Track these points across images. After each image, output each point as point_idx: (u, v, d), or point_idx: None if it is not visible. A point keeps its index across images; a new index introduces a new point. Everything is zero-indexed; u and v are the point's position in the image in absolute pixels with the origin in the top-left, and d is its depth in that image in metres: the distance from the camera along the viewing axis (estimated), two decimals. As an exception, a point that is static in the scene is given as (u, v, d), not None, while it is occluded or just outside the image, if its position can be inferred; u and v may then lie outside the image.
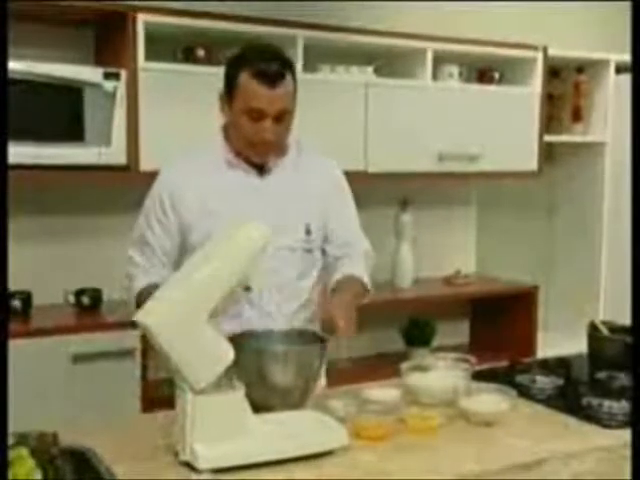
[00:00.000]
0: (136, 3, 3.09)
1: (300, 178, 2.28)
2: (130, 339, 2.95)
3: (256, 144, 2.14)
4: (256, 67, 2.08)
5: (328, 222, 2.31)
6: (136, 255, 2.27)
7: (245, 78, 2.09)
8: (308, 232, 2.26)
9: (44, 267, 3.32)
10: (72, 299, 3.22)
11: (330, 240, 2.33)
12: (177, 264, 2.22)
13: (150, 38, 3.10)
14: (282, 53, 2.18)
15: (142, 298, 2.09)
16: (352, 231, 2.38)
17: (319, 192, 2.30)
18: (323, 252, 2.35)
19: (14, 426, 1.65)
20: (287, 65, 2.14)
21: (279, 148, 2.22)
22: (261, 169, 2.23)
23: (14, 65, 2.83)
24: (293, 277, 2.25)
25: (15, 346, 2.78)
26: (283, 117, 2.13)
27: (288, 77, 2.12)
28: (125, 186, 3.21)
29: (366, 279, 2.30)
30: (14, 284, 3.09)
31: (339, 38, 3.50)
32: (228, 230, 1.85)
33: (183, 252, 2.23)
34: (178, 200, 2.19)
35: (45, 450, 1.62)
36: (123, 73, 3.03)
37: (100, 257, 3.37)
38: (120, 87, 3.02)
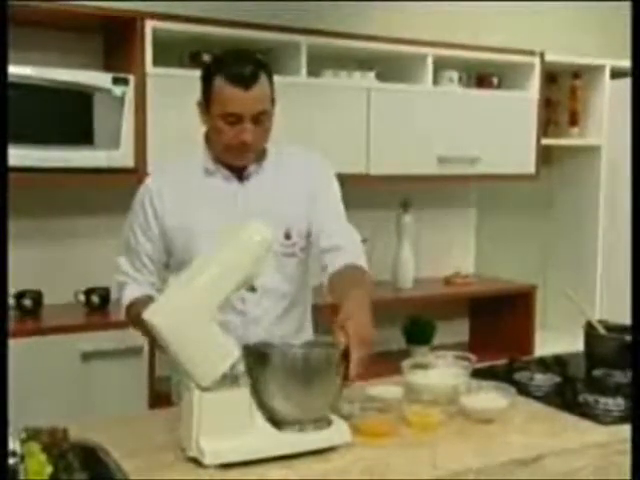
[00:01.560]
0: (144, 10, 3.12)
1: (282, 181, 2.23)
2: (138, 337, 2.90)
3: (235, 147, 2.11)
4: (229, 70, 2.06)
5: (314, 220, 2.23)
6: (123, 262, 2.27)
7: (219, 82, 2.06)
8: (287, 236, 2.21)
9: (54, 267, 3.35)
10: (82, 298, 3.24)
11: (317, 235, 2.22)
12: (166, 267, 2.26)
13: (158, 44, 3.13)
14: (256, 56, 2.15)
15: (133, 310, 2.12)
16: (340, 224, 2.27)
17: (303, 192, 2.24)
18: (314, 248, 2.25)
19: (26, 422, 1.67)
20: (262, 67, 2.10)
21: (259, 150, 2.18)
22: (241, 175, 2.20)
23: (25, 70, 2.88)
24: (274, 281, 2.20)
25: (26, 344, 2.85)
26: (260, 119, 2.09)
27: (263, 78, 2.08)
28: (133, 188, 3.24)
29: (363, 263, 2.18)
30: (25, 284, 3.15)
31: (342, 44, 3.53)
32: (231, 231, 1.86)
33: (169, 256, 2.24)
34: (160, 207, 2.19)
35: (56, 445, 1.63)
36: (131, 78, 3.06)
37: (109, 257, 3.34)
38: (128, 92, 3.05)
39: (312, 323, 2.41)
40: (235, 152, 2.13)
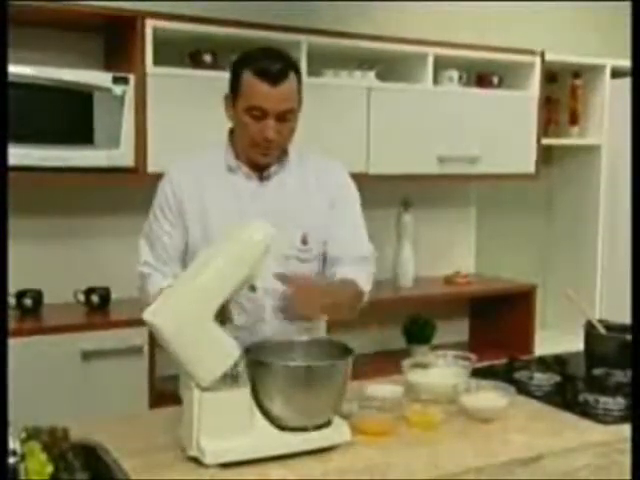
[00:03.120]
0: (145, 9, 3.12)
1: (303, 185, 2.23)
2: (138, 336, 2.99)
3: (259, 143, 2.10)
4: (259, 65, 2.06)
5: (330, 229, 2.24)
6: (146, 253, 2.24)
7: (248, 76, 2.07)
8: (304, 242, 2.21)
9: (55, 267, 3.34)
10: (82, 298, 3.24)
11: (329, 244, 2.25)
12: (183, 260, 2.24)
13: (158, 43, 3.13)
14: (287, 54, 2.16)
15: None
16: (353, 237, 2.29)
17: (325, 199, 2.24)
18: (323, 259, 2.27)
19: (26, 421, 1.68)
20: (291, 65, 2.12)
21: (281, 148, 2.18)
22: (262, 175, 2.20)
23: (25, 70, 2.88)
24: (279, 284, 2.12)
25: (26, 343, 2.85)
26: (286, 116, 2.09)
27: (291, 76, 2.09)
28: (133, 188, 3.25)
29: (361, 281, 2.22)
30: (26, 283, 3.15)
31: (342, 43, 3.53)
32: (232, 230, 1.85)
33: (186, 249, 2.22)
34: (180, 198, 2.19)
35: (56, 445, 1.64)
36: (132, 78, 3.06)
37: (109, 257, 3.39)
38: (129, 91, 3.05)
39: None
40: (259, 148, 2.13)
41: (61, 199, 3.36)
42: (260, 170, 2.20)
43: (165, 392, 2.91)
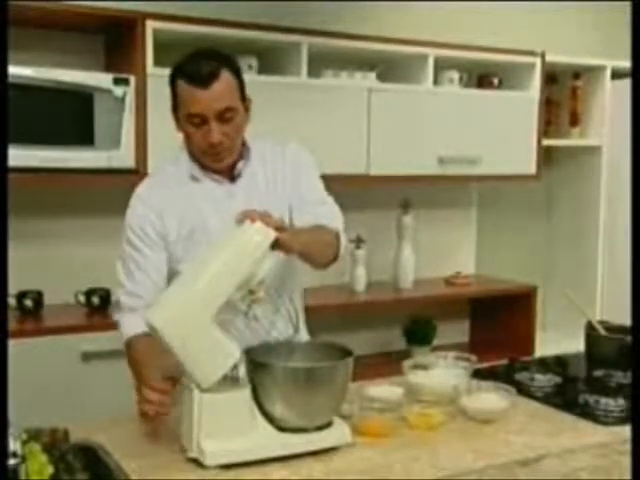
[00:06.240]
0: (145, 10, 3.11)
1: (269, 175, 2.19)
2: (138, 338, 3.00)
3: (206, 150, 2.06)
4: (188, 71, 2.02)
5: (294, 204, 2.19)
6: (125, 278, 2.16)
7: (181, 85, 2.04)
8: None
9: (55, 268, 3.35)
10: (82, 299, 3.24)
11: (295, 215, 2.18)
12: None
13: (159, 44, 3.12)
14: (219, 53, 2.09)
15: (131, 351, 2.11)
16: (321, 205, 2.22)
17: (284, 184, 2.20)
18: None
19: (26, 422, 1.68)
20: (224, 63, 2.04)
21: (234, 149, 2.12)
22: (232, 176, 2.16)
23: (25, 71, 2.88)
24: (273, 279, 2.12)
25: (27, 344, 2.85)
26: (226, 116, 2.03)
27: (224, 75, 2.02)
28: (134, 189, 3.25)
29: (333, 226, 2.14)
30: (26, 284, 3.16)
31: (342, 44, 3.53)
32: (232, 232, 1.84)
33: (177, 264, 2.15)
34: (160, 223, 2.12)
35: (56, 446, 1.66)
36: (132, 79, 3.06)
37: (109, 258, 3.34)
38: (129, 92, 3.04)
39: (305, 325, 2.39)
40: (209, 155, 2.09)
41: (62, 200, 3.36)
42: (229, 172, 2.16)
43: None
